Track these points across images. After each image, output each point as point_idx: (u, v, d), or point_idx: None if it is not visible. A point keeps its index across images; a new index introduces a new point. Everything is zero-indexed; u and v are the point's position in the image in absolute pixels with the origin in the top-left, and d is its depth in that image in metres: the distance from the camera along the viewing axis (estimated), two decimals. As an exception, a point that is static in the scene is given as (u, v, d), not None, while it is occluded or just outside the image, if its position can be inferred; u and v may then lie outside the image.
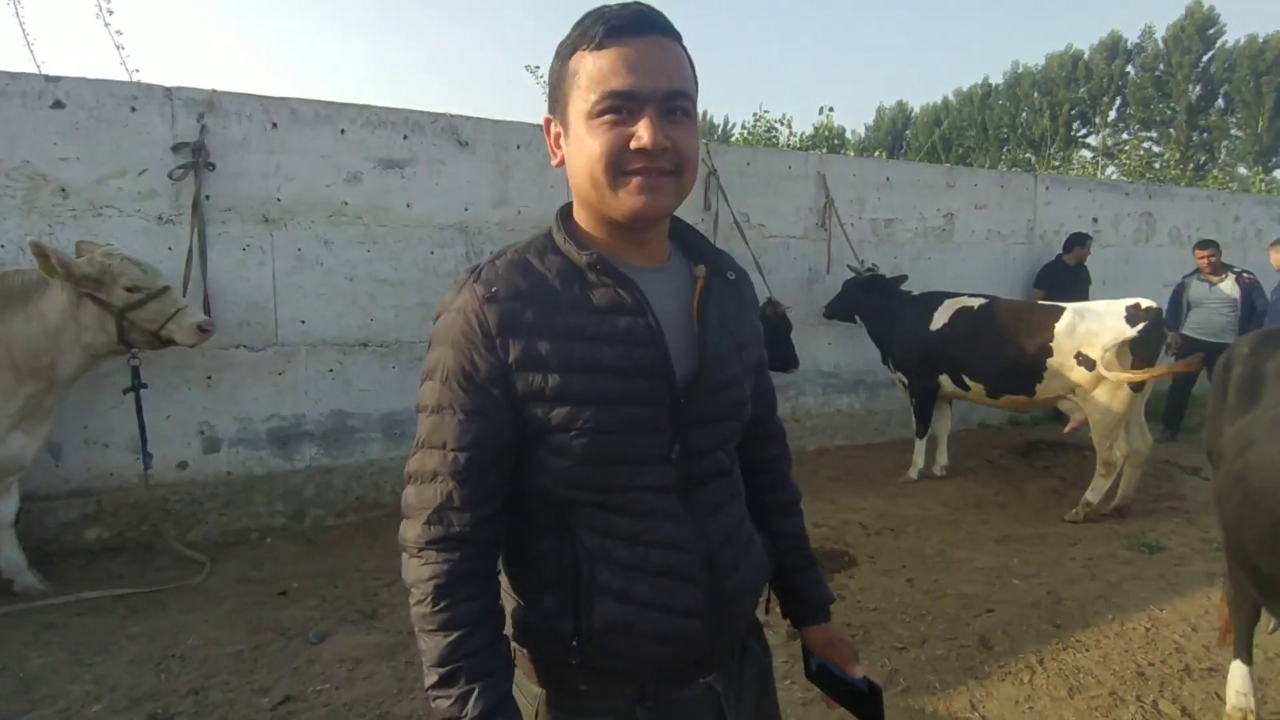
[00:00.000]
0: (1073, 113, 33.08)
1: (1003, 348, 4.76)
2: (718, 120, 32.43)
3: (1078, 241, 6.55)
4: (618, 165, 0.95)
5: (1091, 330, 4.47)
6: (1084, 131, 33.63)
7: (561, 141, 1.02)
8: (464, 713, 0.94)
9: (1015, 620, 3.19)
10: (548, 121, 1.04)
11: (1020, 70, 35.31)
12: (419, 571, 0.97)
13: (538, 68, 7.60)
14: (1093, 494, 4.51)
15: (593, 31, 0.94)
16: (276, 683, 2.73)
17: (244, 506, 4.17)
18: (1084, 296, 6.11)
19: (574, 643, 0.99)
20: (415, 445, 1.01)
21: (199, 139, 3.94)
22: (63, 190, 3.74)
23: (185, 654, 2.90)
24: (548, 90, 1.04)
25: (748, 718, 1.14)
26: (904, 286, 5.42)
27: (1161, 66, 31.48)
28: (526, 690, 1.06)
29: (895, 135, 33.33)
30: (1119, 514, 4.53)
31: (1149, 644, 3.01)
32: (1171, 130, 30.69)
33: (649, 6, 0.98)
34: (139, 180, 3.87)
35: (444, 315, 0.99)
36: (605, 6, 0.97)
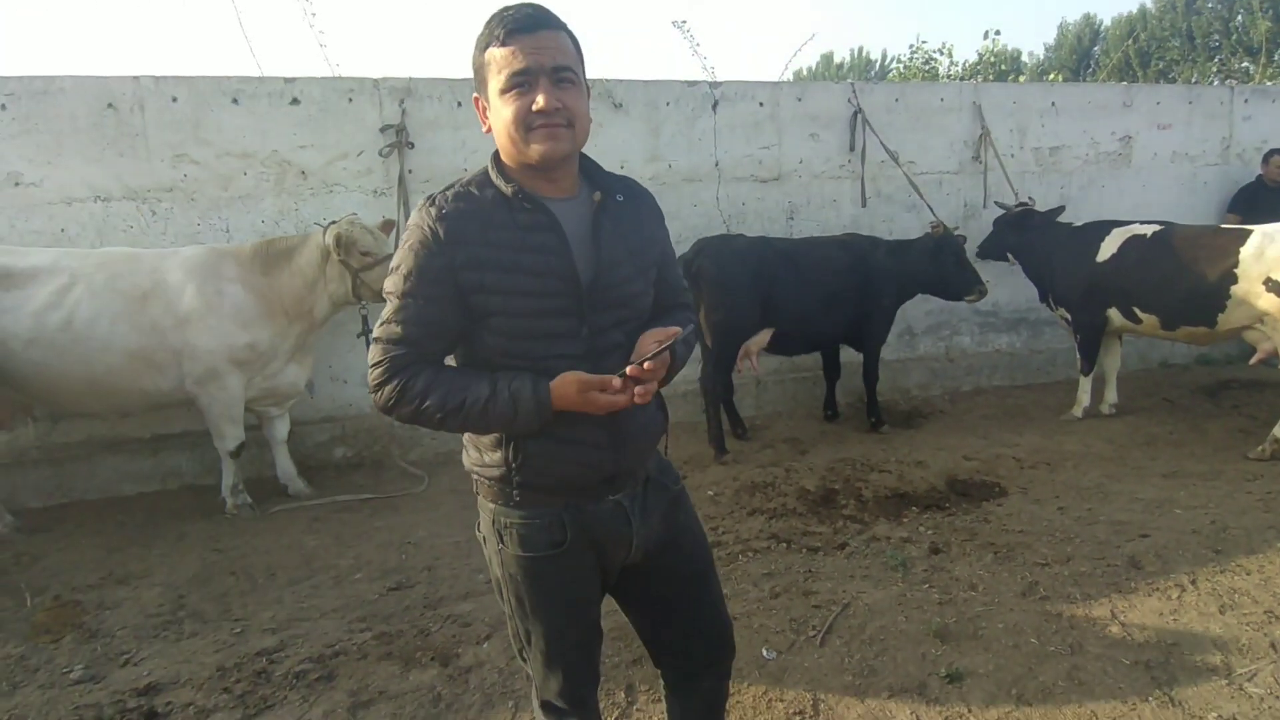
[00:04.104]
0: (1308, 9, 27.85)
1: (1180, 276, 4.49)
2: (875, 55, 30.64)
3: (1274, 153, 5.89)
4: (525, 124, 1.29)
5: (1285, 253, 4.13)
6: (1323, 30, 28.25)
7: (488, 113, 1.37)
8: (522, 392, 1.31)
9: (1171, 545, 3.13)
10: (476, 100, 1.40)
11: (1241, -37, 30.11)
12: (394, 389, 1.33)
13: (684, 21, 7.79)
14: (1282, 429, 4.21)
15: (497, 32, 1.29)
16: (487, 565, 3.35)
17: (450, 433, 4.91)
18: (1290, 221, 5.50)
19: (514, 465, 1.39)
20: (379, 321, 1.37)
21: (401, 121, 4.62)
22: (302, 173, 4.56)
23: (417, 542, 3.62)
24: (473, 75, 1.37)
25: (654, 529, 1.52)
26: (1064, 218, 5.19)
27: None
28: (484, 505, 1.49)
29: (1081, 54, 29.77)
30: (1313, 451, 4.20)
31: (1319, 573, 2.89)
32: None
33: (535, 6, 1.31)
34: (358, 161, 4.63)
35: (407, 230, 1.36)
36: (505, 8, 1.30)
